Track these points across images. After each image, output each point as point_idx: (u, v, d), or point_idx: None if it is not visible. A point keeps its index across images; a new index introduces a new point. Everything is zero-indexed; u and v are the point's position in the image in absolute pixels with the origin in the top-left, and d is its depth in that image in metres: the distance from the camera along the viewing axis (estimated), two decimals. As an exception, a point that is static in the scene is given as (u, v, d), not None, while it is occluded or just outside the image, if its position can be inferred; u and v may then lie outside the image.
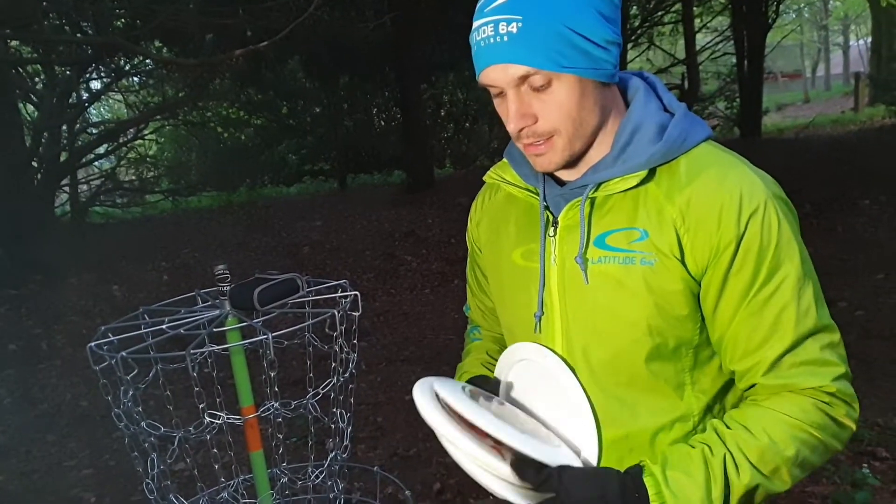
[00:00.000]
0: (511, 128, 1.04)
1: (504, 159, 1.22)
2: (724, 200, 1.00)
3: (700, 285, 1.05)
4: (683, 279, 1.04)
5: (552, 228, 1.13)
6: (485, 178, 1.26)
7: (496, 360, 1.33)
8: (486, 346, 1.40)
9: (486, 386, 1.23)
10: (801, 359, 1.01)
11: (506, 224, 1.23)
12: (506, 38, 0.97)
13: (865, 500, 2.81)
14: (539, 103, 1.02)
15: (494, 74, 1.01)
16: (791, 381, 1.01)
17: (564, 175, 1.14)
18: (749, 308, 1.02)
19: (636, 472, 1.00)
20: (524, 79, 1.00)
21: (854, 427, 1.04)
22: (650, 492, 0.97)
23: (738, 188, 1.01)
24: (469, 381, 1.28)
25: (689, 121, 1.08)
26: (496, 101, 1.07)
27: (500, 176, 1.21)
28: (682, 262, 1.03)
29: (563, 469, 0.99)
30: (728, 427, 1.02)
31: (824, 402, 1.01)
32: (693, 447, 1.01)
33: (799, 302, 1.01)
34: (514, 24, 0.96)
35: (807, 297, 1.01)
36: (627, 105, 1.11)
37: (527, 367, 1.17)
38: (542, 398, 1.15)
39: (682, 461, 0.99)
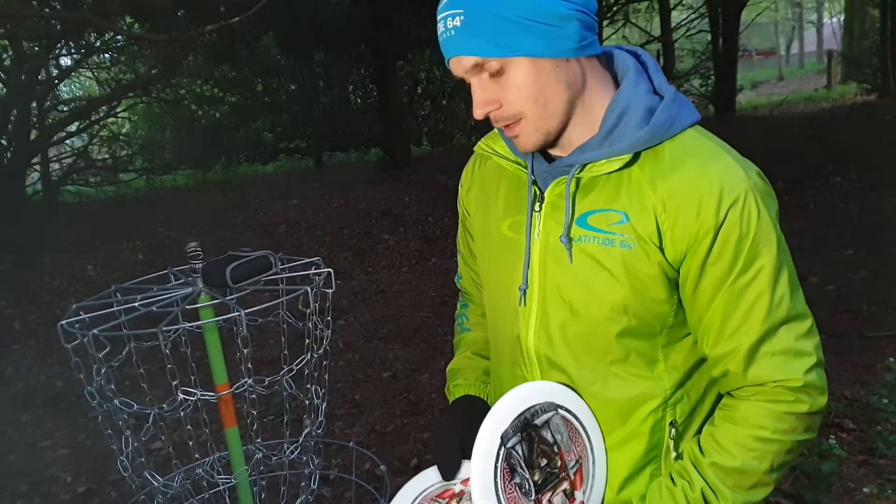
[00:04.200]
0: (477, 114, 1.07)
1: (495, 129, 1.23)
2: (705, 190, 1.02)
3: (679, 272, 1.07)
4: (660, 264, 1.06)
5: (538, 203, 1.14)
6: (475, 148, 1.28)
7: (481, 359, 1.38)
8: (477, 340, 1.42)
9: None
10: (775, 349, 1.04)
11: (495, 193, 1.25)
12: (453, 32, 1.02)
13: (832, 471, 2.88)
14: (500, 88, 1.05)
15: (454, 65, 1.06)
16: (760, 374, 1.05)
17: (553, 151, 1.16)
18: (725, 296, 1.04)
19: None
20: (478, 67, 1.04)
21: (822, 413, 1.09)
22: None
23: (720, 178, 1.02)
24: (463, 405, 1.32)
25: (678, 105, 1.08)
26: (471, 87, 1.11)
27: (491, 148, 1.23)
28: (661, 248, 1.05)
29: None
30: (703, 453, 1.09)
31: (788, 402, 1.05)
32: (675, 483, 1.09)
33: (773, 291, 1.03)
34: (457, 17, 1.01)
35: (781, 287, 1.04)
36: (616, 79, 1.12)
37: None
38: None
39: (663, 499, 1.10)
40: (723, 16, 13.69)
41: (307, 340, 1.45)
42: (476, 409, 1.32)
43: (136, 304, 1.39)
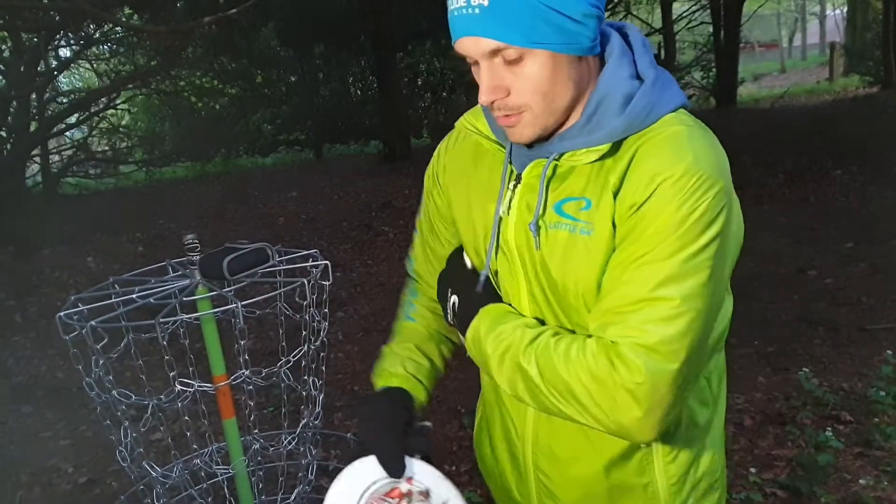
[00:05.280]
0: (483, 99, 1.03)
1: (479, 106, 1.19)
2: (650, 167, 0.99)
3: None
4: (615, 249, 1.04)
5: (512, 183, 1.14)
6: (457, 123, 1.26)
7: (424, 357, 1.34)
8: (421, 335, 1.39)
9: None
10: (622, 319, 0.99)
11: (475, 171, 1.23)
12: (477, 11, 0.96)
13: (828, 463, 2.89)
14: (511, 77, 1.01)
15: (467, 45, 1.01)
16: (603, 326, 1.01)
17: None
18: (618, 261, 1.01)
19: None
20: (496, 52, 0.99)
21: (629, 395, 0.97)
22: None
23: (668, 157, 0.99)
24: (395, 400, 1.27)
25: (659, 89, 1.05)
26: (472, 69, 1.06)
27: (473, 125, 1.21)
28: (613, 224, 1.03)
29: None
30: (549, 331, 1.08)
31: (609, 363, 0.98)
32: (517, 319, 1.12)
33: (652, 270, 0.98)
34: None
35: (666, 269, 0.97)
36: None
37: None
38: None
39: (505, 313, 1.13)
40: (725, 7, 13.65)
41: (304, 332, 1.45)
42: (406, 405, 1.26)
43: (133, 296, 1.39)
